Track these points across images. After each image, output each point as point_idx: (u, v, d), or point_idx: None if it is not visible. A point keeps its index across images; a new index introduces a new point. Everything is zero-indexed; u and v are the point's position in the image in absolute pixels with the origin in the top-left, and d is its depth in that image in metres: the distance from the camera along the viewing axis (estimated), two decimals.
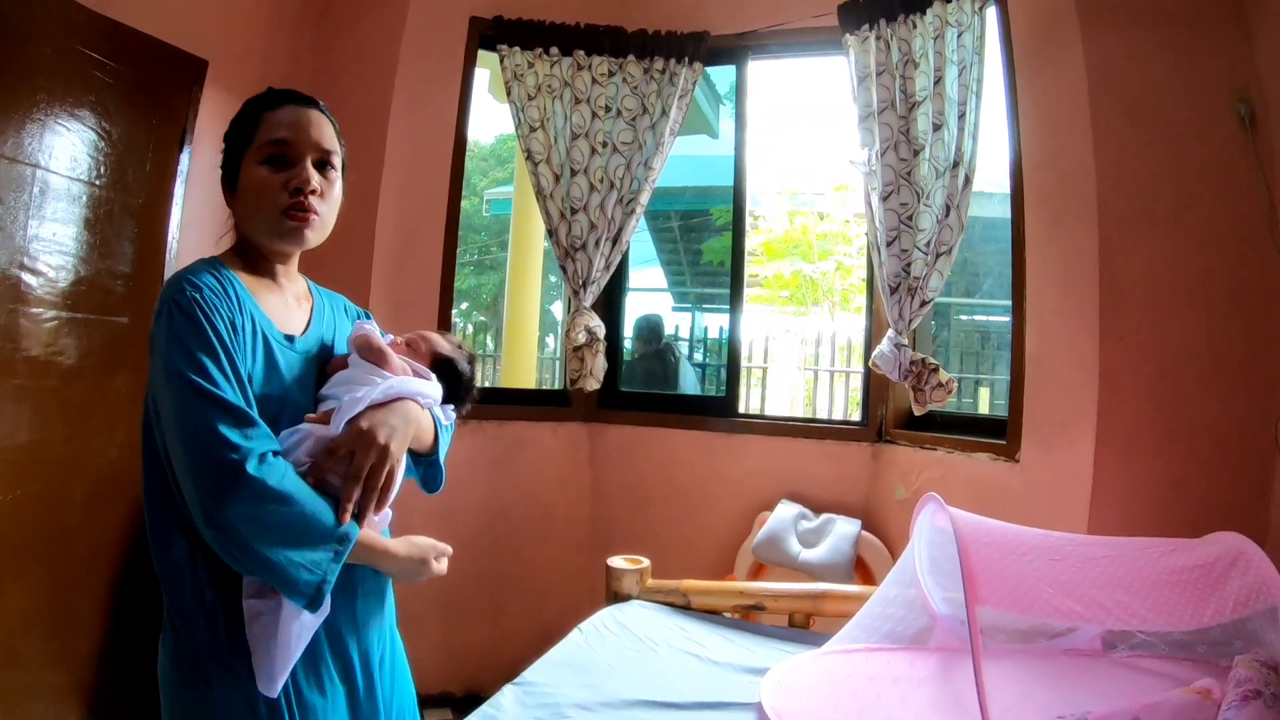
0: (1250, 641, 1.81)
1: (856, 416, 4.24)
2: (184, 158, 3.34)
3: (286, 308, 1.66)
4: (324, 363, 1.68)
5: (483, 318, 15.14)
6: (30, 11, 2.76)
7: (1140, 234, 2.75)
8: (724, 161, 4.49)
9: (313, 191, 1.58)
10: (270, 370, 1.53)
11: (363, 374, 1.62)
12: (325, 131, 1.63)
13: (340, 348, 1.72)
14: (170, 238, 3.32)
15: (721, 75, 7.17)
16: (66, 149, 2.89)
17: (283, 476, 1.38)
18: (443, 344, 1.84)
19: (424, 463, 1.76)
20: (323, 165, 1.62)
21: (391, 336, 1.84)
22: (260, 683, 1.42)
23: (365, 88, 3.95)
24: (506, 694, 1.87)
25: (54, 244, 2.87)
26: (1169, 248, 2.74)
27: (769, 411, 7.62)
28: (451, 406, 1.82)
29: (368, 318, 1.89)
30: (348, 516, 1.44)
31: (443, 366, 1.81)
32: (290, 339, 1.61)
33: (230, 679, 1.45)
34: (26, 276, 2.77)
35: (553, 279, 10.18)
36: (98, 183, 3.01)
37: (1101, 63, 2.80)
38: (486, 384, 9.41)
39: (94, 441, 3.06)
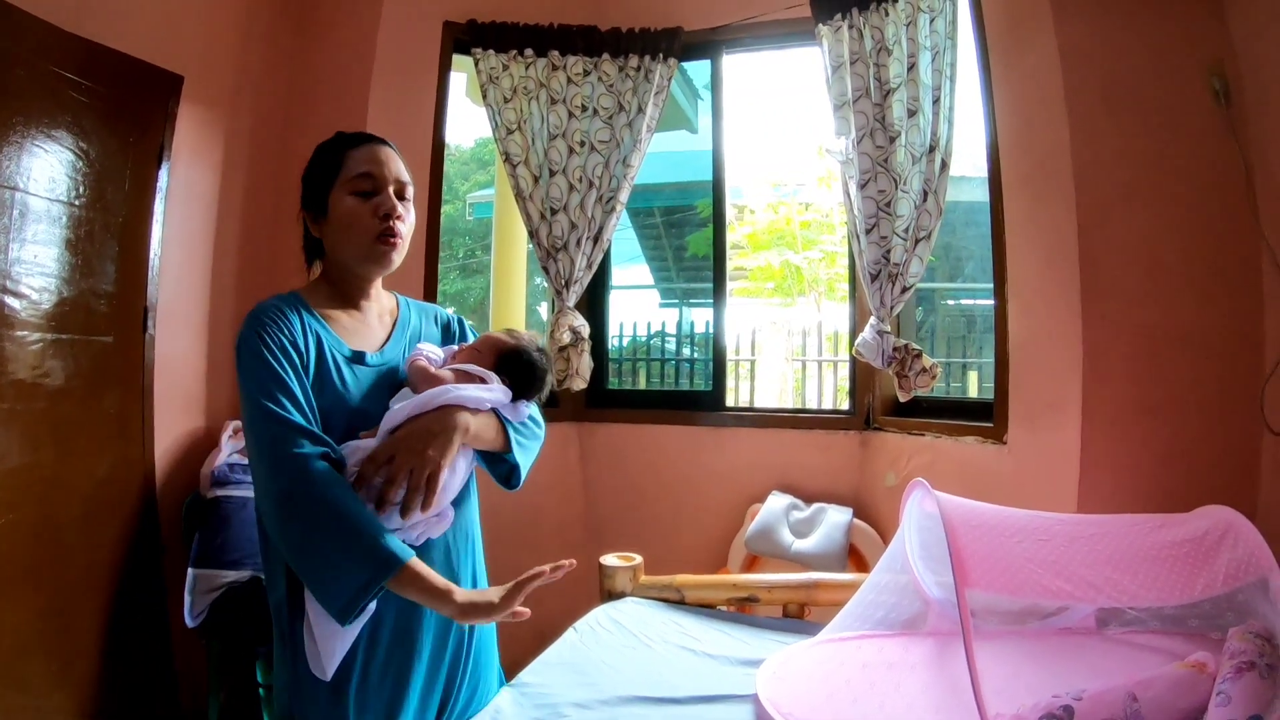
0: (1242, 613, 1.81)
1: (845, 406, 4.25)
2: (162, 174, 3.34)
3: (366, 327, 1.86)
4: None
5: (470, 321, 15.10)
6: (2, 35, 2.75)
7: (1119, 212, 2.75)
8: (704, 156, 4.50)
9: (399, 217, 1.79)
10: (335, 386, 1.69)
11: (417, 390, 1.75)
12: (400, 165, 1.84)
13: None
14: (152, 255, 3.32)
15: (699, 70, 7.18)
16: (45, 170, 2.89)
17: (336, 480, 1.53)
18: (502, 338, 1.92)
19: (499, 462, 1.87)
20: (400, 195, 1.82)
21: (459, 344, 1.97)
22: (314, 666, 1.59)
23: (341, 97, 3.95)
24: (504, 696, 1.87)
25: (36, 266, 2.87)
26: (1148, 225, 2.75)
27: (758, 404, 7.63)
28: (524, 402, 1.90)
29: (460, 322, 2.12)
30: (386, 509, 1.56)
31: (505, 361, 1.88)
32: (360, 355, 1.78)
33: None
34: (9, 299, 2.77)
35: (538, 281, 10.16)
36: (77, 203, 3.01)
37: (1074, 42, 2.80)
38: None
39: (84, 462, 3.06)
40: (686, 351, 7.20)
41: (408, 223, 1.83)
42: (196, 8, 3.57)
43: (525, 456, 1.89)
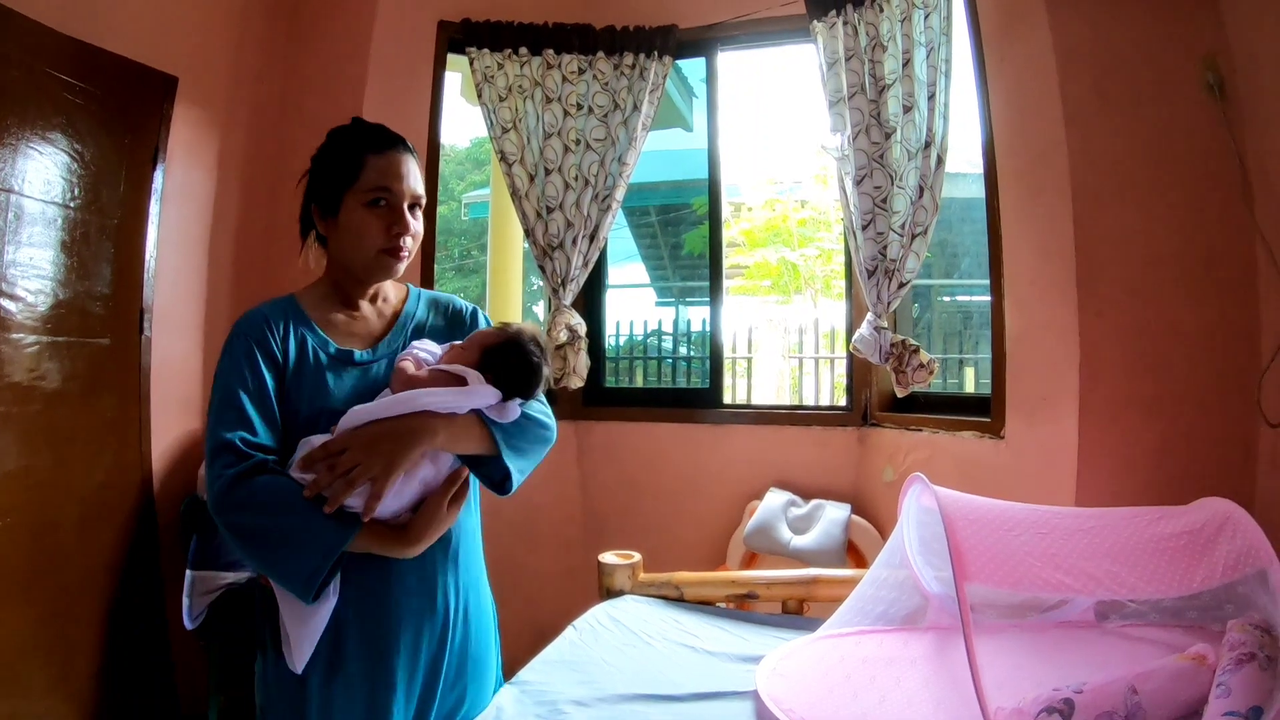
0: (1241, 605, 1.81)
1: (843, 402, 4.25)
2: (157, 176, 3.34)
3: (362, 324, 1.88)
4: None
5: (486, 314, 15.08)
6: None
7: (1114, 206, 2.76)
8: (700, 154, 4.49)
9: (410, 235, 1.80)
10: (312, 388, 1.72)
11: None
12: (417, 176, 1.83)
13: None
14: (148, 256, 3.31)
15: (694, 68, 7.17)
16: (39, 173, 2.88)
17: (270, 490, 1.57)
18: (489, 334, 1.83)
19: (482, 464, 1.78)
20: (413, 206, 1.81)
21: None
22: (287, 659, 1.62)
23: (336, 98, 3.94)
24: (504, 694, 1.87)
25: (31, 268, 2.86)
26: (1144, 219, 2.75)
27: (755, 401, 7.63)
28: (517, 401, 1.79)
29: (474, 315, 2.06)
30: (312, 492, 1.55)
31: (490, 358, 1.77)
32: (349, 355, 1.80)
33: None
34: (5, 302, 2.77)
35: (534, 281, 10.16)
36: (72, 205, 3.00)
37: (1068, 37, 2.80)
38: None
39: (81, 465, 3.06)
40: (683, 350, 7.17)
41: (416, 235, 1.82)
42: (190, 9, 3.56)
43: (519, 460, 1.77)
